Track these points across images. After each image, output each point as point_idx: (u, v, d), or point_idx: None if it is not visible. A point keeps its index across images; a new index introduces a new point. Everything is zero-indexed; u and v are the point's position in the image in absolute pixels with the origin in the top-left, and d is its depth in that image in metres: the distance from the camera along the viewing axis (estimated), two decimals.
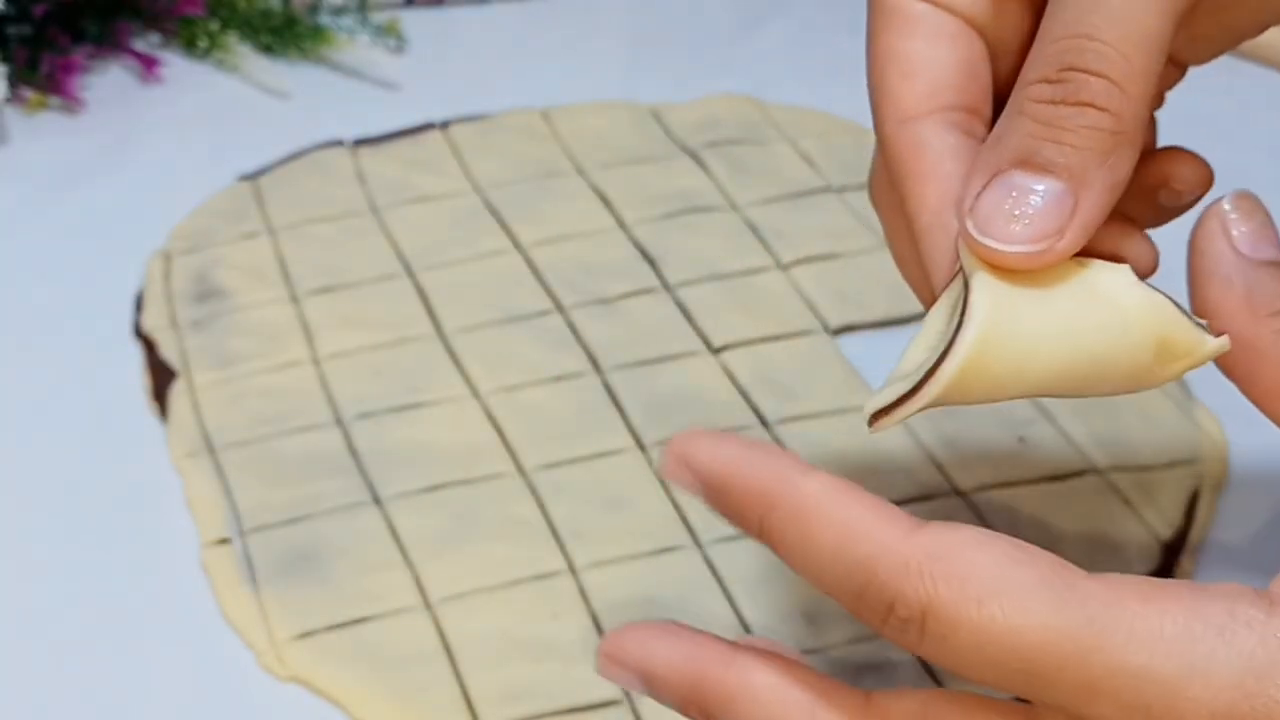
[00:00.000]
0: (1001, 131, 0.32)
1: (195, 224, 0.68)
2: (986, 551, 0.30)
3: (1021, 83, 0.32)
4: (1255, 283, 0.33)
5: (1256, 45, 0.80)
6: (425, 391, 0.59)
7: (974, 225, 0.31)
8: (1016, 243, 0.31)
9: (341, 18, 0.78)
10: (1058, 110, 0.31)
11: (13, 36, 0.73)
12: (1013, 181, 0.31)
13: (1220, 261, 0.33)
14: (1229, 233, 0.33)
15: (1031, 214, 0.31)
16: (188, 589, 0.53)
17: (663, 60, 0.80)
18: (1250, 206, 0.34)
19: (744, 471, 0.31)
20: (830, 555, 0.30)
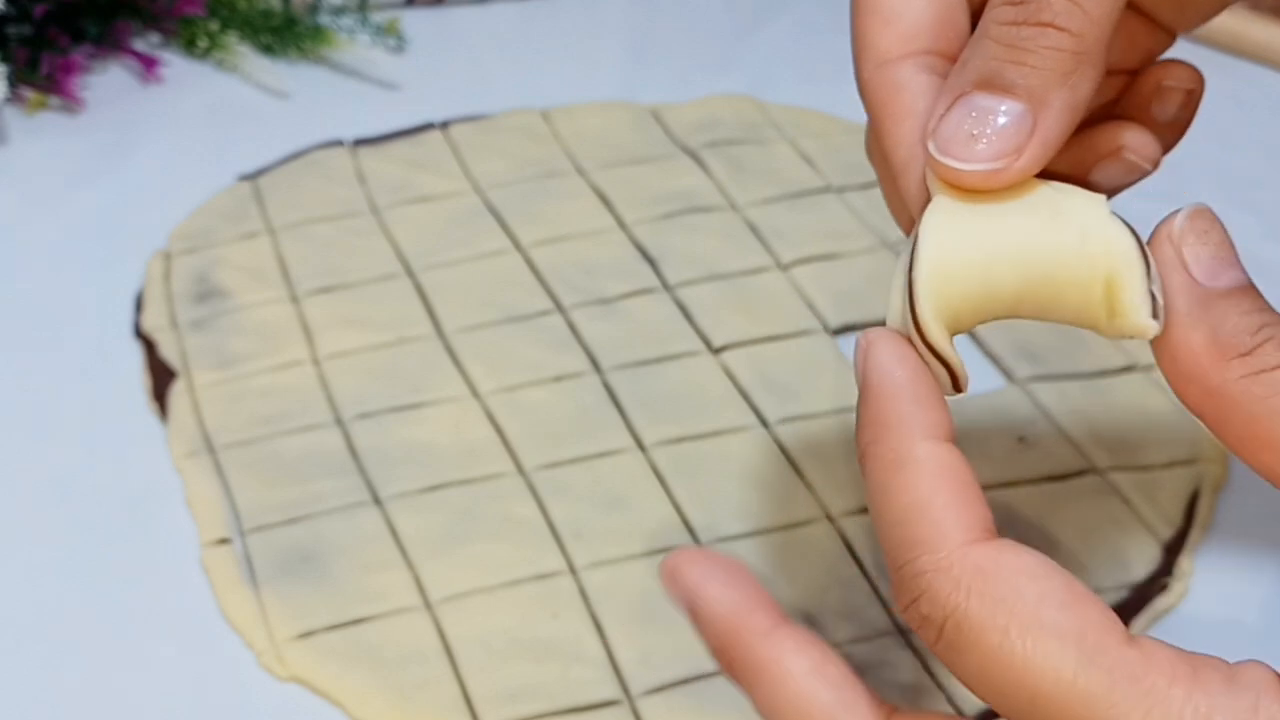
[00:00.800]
0: (967, 55, 0.32)
1: (195, 224, 0.68)
2: (1038, 584, 0.30)
3: (989, 6, 0.32)
4: (1219, 319, 0.31)
5: (1256, 45, 0.80)
6: (425, 391, 0.59)
7: (935, 146, 0.32)
8: (975, 161, 0.31)
9: (341, 18, 0.78)
10: (1020, 31, 0.31)
11: (13, 36, 0.73)
12: (974, 102, 0.31)
13: (1178, 297, 0.31)
14: (1185, 262, 0.31)
15: (991, 134, 0.31)
16: (188, 589, 0.53)
17: (663, 60, 0.80)
18: (1205, 225, 0.32)
19: (885, 394, 0.32)
20: (894, 519, 0.31)
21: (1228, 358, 0.30)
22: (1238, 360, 0.30)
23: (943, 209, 0.32)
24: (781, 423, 0.58)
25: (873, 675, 0.50)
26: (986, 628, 0.29)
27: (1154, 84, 0.38)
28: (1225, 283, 0.31)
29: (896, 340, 0.33)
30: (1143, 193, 0.71)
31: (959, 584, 0.30)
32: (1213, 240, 0.32)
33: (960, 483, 0.31)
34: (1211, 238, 0.32)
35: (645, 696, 0.49)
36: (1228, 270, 0.32)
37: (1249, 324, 0.30)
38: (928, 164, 0.32)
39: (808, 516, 0.55)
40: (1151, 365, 0.62)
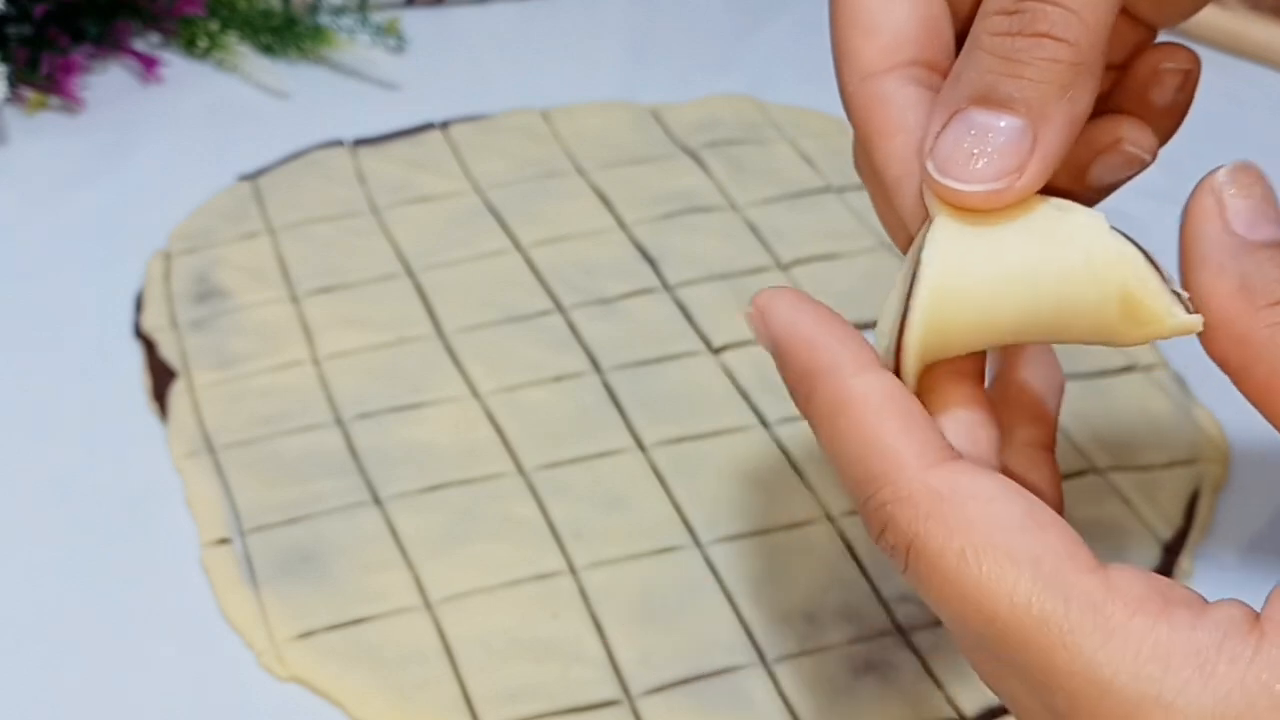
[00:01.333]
0: (960, 69, 0.31)
1: (195, 224, 0.68)
2: (996, 507, 0.29)
3: (980, 16, 0.31)
4: (1252, 269, 0.30)
5: (1256, 45, 0.80)
6: (425, 391, 0.59)
7: (934, 166, 0.31)
8: (976, 181, 0.30)
9: (341, 18, 0.78)
10: (1015, 43, 0.30)
11: (13, 36, 0.73)
12: (971, 119, 0.31)
13: (1214, 245, 0.31)
14: (1224, 211, 0.31)
15: (991, 152, 0.30)
16: (188, 589, 0.53)
17: (663, 60, 0.80)
18: (1250, 179, 0.31)
19: (802, 347, 0.32)
20: (849, 458, 0.31)
21: (1257, 306, 0.30)
22: (1267, 309, 0.30)
23: (942, 232, 0.31)
24: (781, 423, 0.58)
25: (873, 675, 0.50)
26: (944, 551, 0.29)
27: (1150, 69, 0.37)
28: (1262, 235, 0.31)
29: (787, 295, 0.33)
30: (1143, 192, 0.71)
31: (918, 510, 0.30)
32: (1255, 194, 0.31)
33: (903, 408, 0.31)
34: (1255, 191, 0.31)
35: (645, 696, 0.49)
36: (1266, 225, 0.31)
37: (1279, 274, 0.30)
38: (926, 184, 0.31)
39: (808, 516, 0.55)
40: (1151, 365, 0.62)
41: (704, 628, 0.51)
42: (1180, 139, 0.41)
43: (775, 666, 0.50)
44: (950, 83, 0.32)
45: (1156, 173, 0.79)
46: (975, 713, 0.49)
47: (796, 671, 0.50)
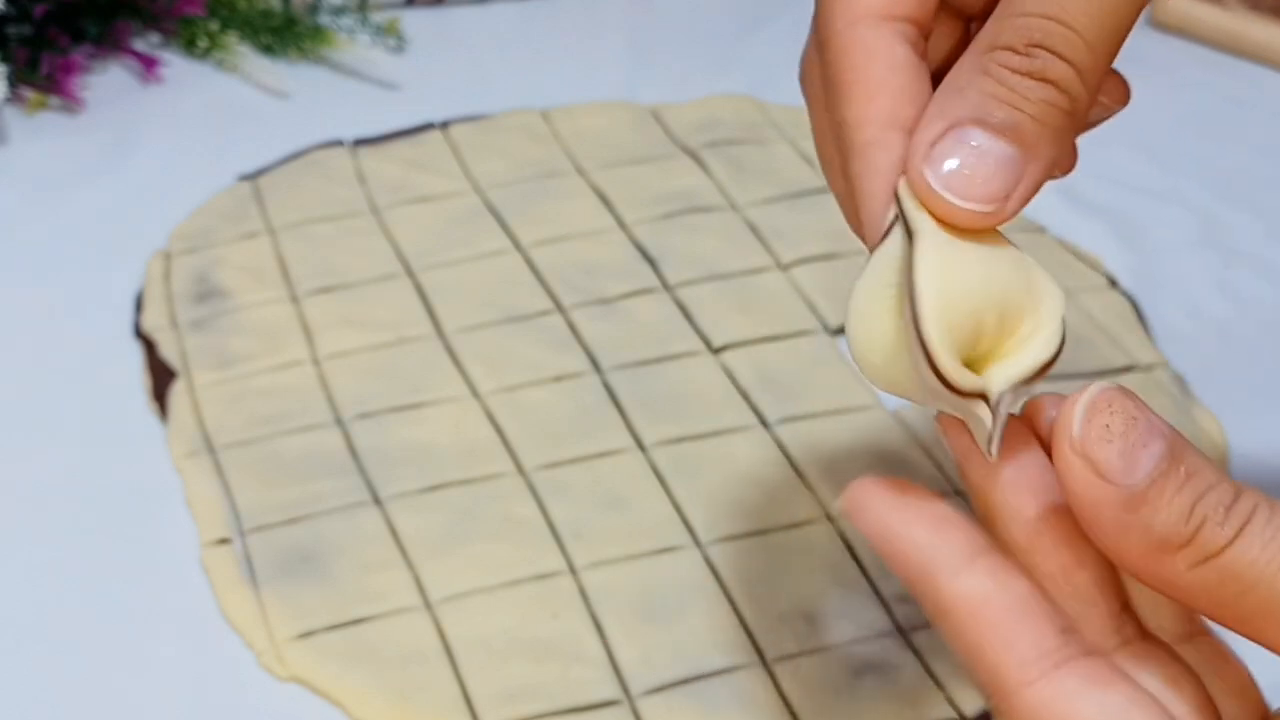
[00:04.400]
0: (962, 83, 0.32)
1: (195, 224, 0.68)
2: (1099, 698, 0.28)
3: (988, 42, 0.32)
4: (1149, 518, 0.28)
5: (1256, 45, 0.80)
6: (425, 391, 0.59)
7: (933, 177, 0.31)
8: (973, 200, 0.31)
9: (341, 18, 0.78)
10: (1022, 81, 0.31)
11: (13, 36, 0.73)
12: (969, 136, 0.31)
13: (1103, 510, 0.28)
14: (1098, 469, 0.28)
15: (986, 174, 0.31)
16: (188, 589, 0.53)
17: (663, 60, 0.80)
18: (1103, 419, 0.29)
19: (898, 549, 0.30)
20: (964, 661, 0.30)
21: (1170, 553, 0.28)
22: (1181, 554, 0.28)
23: (932, 240, 0.31)
24: (781, 423, 0.58)
25: (873, 675, 0.50)
26: None
27: None
28: (1144, 472, 0.28)
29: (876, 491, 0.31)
30: (1144, 192, 0.71)
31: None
32: (1116, 432, 0.29)
33: (1001, 612, 0.29)
34: (1115, 429, 0.29)
35: (645, 696, 0.49)
36: (1141, 456, 0.28)
37: (1180, 510, 0.28)
38: (917, 188, 0.31)
39: (808, 516, 0.55)
40: (1151, 365, 0.62)
41: (704, 628, 0.51)
42: (1180, 139, 0.41)
43: (775, 666, 0.50)
44: (950, 92, 0.32)
45: (1157, 172, 0.79)
46: (975, 713, 0.49)
47: (796, 671, 0.50)
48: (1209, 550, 0.28)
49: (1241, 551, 0.28)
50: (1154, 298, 0.66)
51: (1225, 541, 0.28)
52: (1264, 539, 0.28)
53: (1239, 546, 0.28)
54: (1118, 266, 0.67)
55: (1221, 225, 0.70)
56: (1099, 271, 0.67)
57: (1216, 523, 0.28)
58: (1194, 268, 0.68)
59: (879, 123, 0.33)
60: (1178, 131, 0.74)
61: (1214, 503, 0.28)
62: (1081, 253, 0.67)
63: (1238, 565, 0.28)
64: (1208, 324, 0.65)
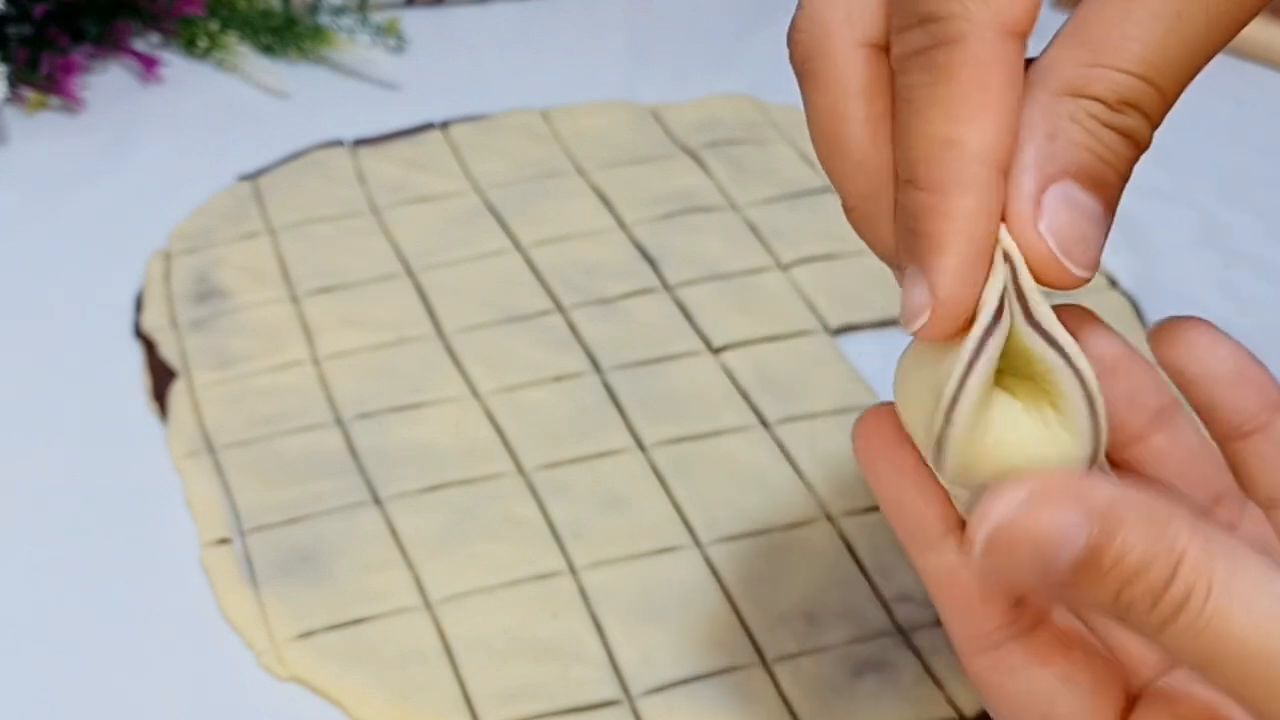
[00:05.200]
0: (1049, 129, 0.29)
1: (195, 224, 0.68)
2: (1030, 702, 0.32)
3: (1071, 85, 0.29)
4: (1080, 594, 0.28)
5: (1256, 45, 0.80)
6: (425, 391, 0.59)
7: (1055, 243, 0.29)
8: (1084, 268, 0.29)
9: (341, 18, 0.78)
10: (1111, 135, 0.30)
11: (13, 36, 0.73)
12: (1073, 194, 0.29)
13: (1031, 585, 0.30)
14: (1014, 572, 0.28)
15: (1093, 238, 0.29)
16: (188, 589, 0.53)
17: (663, 60, 0.80)
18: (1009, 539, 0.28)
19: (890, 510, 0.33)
20: None
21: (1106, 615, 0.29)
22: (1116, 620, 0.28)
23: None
24: (781, 423, 0.58)
25: (873, 675, 0.50)
26: None
27: None
28: (1065, 565, 0.28)
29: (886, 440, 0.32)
30: (1143, 191, 0.71)
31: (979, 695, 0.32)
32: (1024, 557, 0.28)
33: (963, 589, 0.32)
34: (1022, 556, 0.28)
35: (645, 696, 0.49)
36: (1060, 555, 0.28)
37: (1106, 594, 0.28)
38: (1031, 253, 0.29)
39: (808, 516, 0.55)
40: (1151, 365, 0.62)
41: (704, 628, 0.51)
42: (1180, 139, 0.41)
43: (775, 666, 0.50)
44: (1038, 137, 0.29)
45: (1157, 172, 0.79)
46: (975, 713, 0.49)
47: (796, 671, 0.50)
48: (1142, 630, 0.28)
49: (1170, 641, 0.28)
50: (1154, 298, 0.66)
51: (1153, 631, 0.28)
52: (1192, 633, 0.27)
53: (1167, 637, 0.28)
54: (1118, 266, 0.67)
55: (1222, 225, 0.70)
56: (1099, 271, 0.67)
57: (1143, 611, 0.28)
58: (1194, 268, 0.68)
59: (1001, 162, 0.29)
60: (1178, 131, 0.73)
61: (1141, 591, 0.27)
62: None
63: (1170, 648, 0.28)
64: None
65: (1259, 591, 0.27)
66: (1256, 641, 0.27)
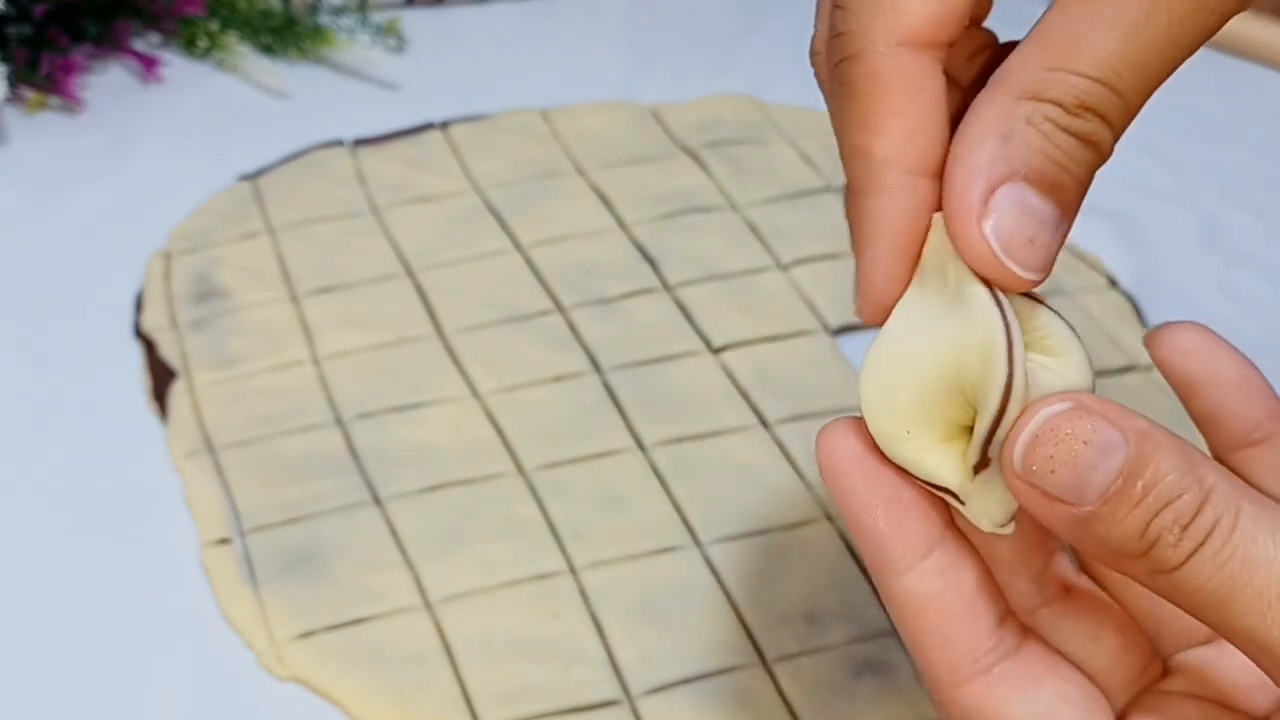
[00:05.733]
0: (1004, 130, 0.29)
1: (195, 224, 0.68)
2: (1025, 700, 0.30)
3: (1028, 88, 0.30)
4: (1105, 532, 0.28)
5: (1256, 45, 0.79)
6: (425, 391, 0.59)
7: (998, 243, 0.29)
8: (1030, 270, 0.29)
9: (341, 18, 0.78)
10: (1068, 140, 0.30)
11: (13, 36, 0.73)
12: (1025, 197, 0.29)
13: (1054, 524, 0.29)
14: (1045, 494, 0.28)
15: (1042, 242, 0.29)
16: (188, 589, 0.53)
17: (663, 60, 0.80)
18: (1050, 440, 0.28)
19: (857, 531, 0.31)
20: (907, 647, 0.32)
21: (1126, 561, 0.28)
22: (1136, 563, 0.28)
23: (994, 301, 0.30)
24: (781, 423, 0.58)
25: (872, 675, 0.50)
26: None
27: None
28: (1095, 493, 0.28)
29: (851, 457, 0.31)
30: (1144, 192, 0.71)
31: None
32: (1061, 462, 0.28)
33: (940, 614, 0.31)
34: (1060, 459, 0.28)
35: (645, 696, 0.49)
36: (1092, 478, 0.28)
37: (1134, 528, 0.28)
38: (970, 248, 0.29)
39: (808, 516, 0.55)
40: (1151, 365, 0.62)
41: (704, 628, 0.51)
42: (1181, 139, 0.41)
43: (775, 666, 0.50)
44: (990, 139, 0.30)
45: (1157, 172, 0.79)
46: None
47: (796, 671, 0.50)
48: (1162, 567, 0.28)
49: (1192, 574, 0.27)
50: (1154, 298, 0.66)
51: (1178, 562, 0.27)
52: (1217, 562, 0.27)
53: (1189, 569, 0.27)
54: (1118, 266, 0.67)
55: (1222, 226, 0.70)
56: (1099, 271, 0.67)
57: (1169, 544, 0.27)
58: (1194, 268, 0.68)
59: (909, 166, 0.30)
60: (1178, 132, 0.74)
61: (1170, 520, 0.27)
62: (1081, 253, 0.67)
63: (1189, 585, 0.28)
64: (1208, 324, 0.65)
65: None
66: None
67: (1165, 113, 0.42)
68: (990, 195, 0.29)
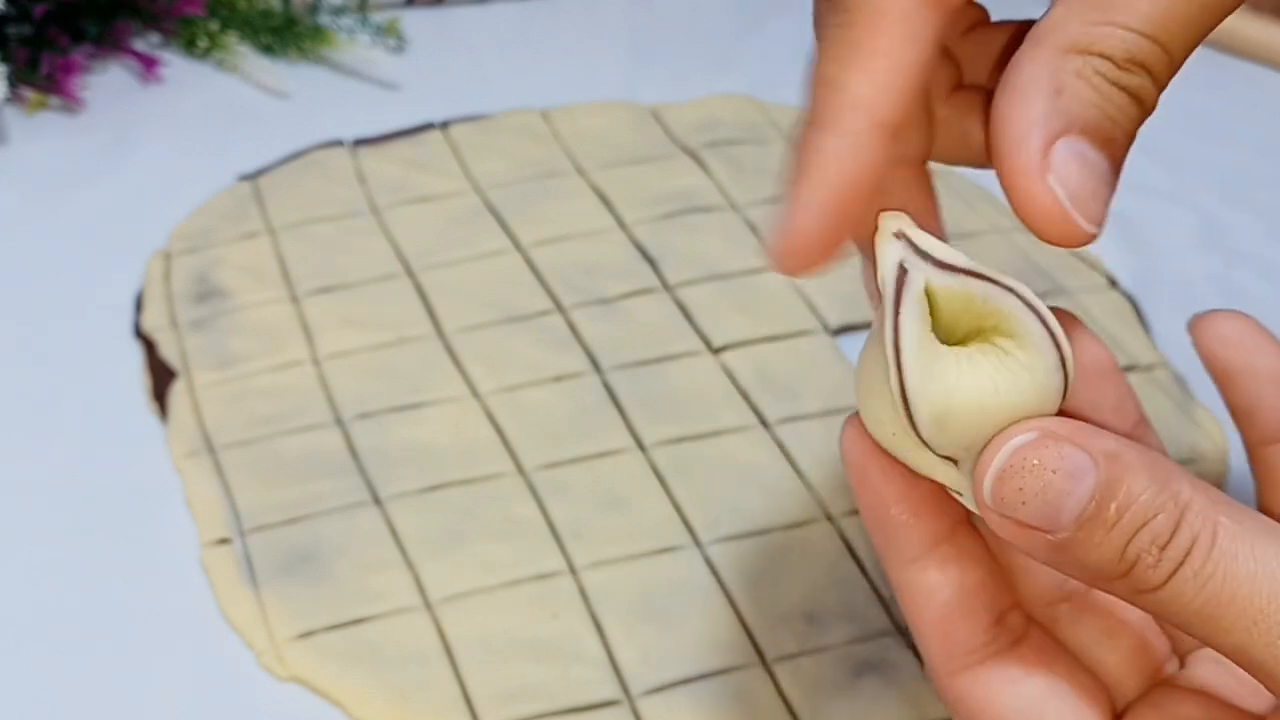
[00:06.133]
0: (1057, 84, 0.29)
1: (195, 224, 0.68)
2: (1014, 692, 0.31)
3: (1078, 43, 0.29)
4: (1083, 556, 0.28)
5: (1256, 45, 0.79)
6: (425, 391, 0.59)
7: (1066, 196, 0.28)
8: (1094, 223, 0.29)
9: (341, 18, 0.78)
10: (1120, 94, 0.29)
11: (13, 36, 0.73)
12: (1082, 150, 0.29)
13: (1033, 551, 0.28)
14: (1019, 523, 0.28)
15: (1102, 195, 0.29)
16: (188, 589, 0.53)
17: (663, 60, 0.80)
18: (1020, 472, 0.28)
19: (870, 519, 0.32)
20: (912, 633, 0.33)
21: (1107, 582, 0.28)
22: (1118, 584, 0.28)
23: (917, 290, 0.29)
24: (781, 423, 0.58)
25: (873, 675, 0.50)
26: None
27: None
28: (1070, 518, 0.27)
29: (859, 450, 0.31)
30: (1144, 191, 0.71)
31: (952, 711, 0.32)
32: (1032, 492, 0.28)
33: (941, 607, 0.31)
34: (1030, 490, 0.28)
35: (645, 696, 0.49)
36: (1066, 504, 0.27)
37: (1112, 551, 0.27)
38: (1039, 204, 0.28)
39: (808, 516, 0.55)
40: (1151, 365, 0.62)
41: (704, 628, 0.51)
42: (1180, 138, 0.41)
43: (775, 666, 0.50)
44: (1041, 92, 0.29)
45: (1157, 172, 0.79)
46: None
47: (796, 671, 0.50)
48: (1144, 587, 0.27)
49: (1175, 594, 0.27)
50: (1154, 298, 0.66)
51: (1159, 582, 0.27)
52: (1199, 581, 0.27)
53: (1172, 588, 0.27)
54: (1118, 266, 0.67)
55: (1222, 225, 0.70)
56: (1099, 271, 0.67)
57: (1149, 564, 0.27)
58: (1194, 268, 0.68)
59: (877, 116, 0.30)
60: (1178, 132, 0.74)
61: (1147, 541, 0.27)
62: (1081, 253, 0.67)
63: (1174, 605, 0.27)
64: None
65: (1265, 538, 0.27)
66: (1266, 588, 0.27)
67: (1165, 112, 0.42)
68: (1049, 149, 0.28)
